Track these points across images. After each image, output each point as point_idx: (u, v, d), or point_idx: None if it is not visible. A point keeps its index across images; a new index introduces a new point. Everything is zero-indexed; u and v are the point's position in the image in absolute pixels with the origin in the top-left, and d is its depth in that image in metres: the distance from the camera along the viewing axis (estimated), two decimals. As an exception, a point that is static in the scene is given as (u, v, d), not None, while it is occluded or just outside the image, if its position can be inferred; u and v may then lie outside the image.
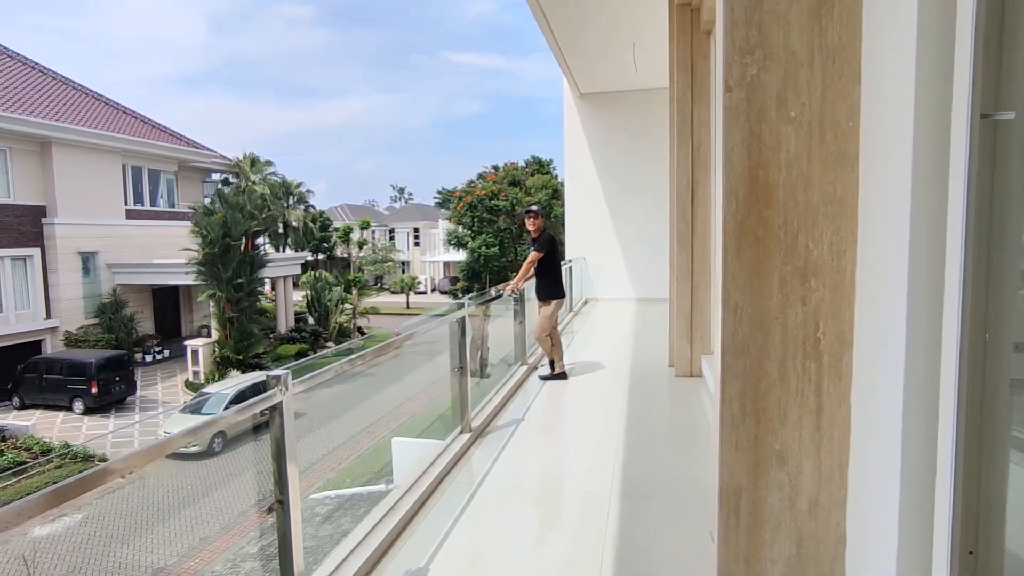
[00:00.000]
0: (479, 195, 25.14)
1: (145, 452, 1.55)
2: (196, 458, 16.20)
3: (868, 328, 2.00)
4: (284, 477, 1.98)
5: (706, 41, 5.45)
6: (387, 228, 55.95)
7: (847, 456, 2.10)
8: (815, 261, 2.06)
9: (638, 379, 5.81)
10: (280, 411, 1.97)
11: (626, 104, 11.65)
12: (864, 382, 2.02)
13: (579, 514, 3.08)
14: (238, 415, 1.84)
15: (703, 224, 5.59)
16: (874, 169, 1.94)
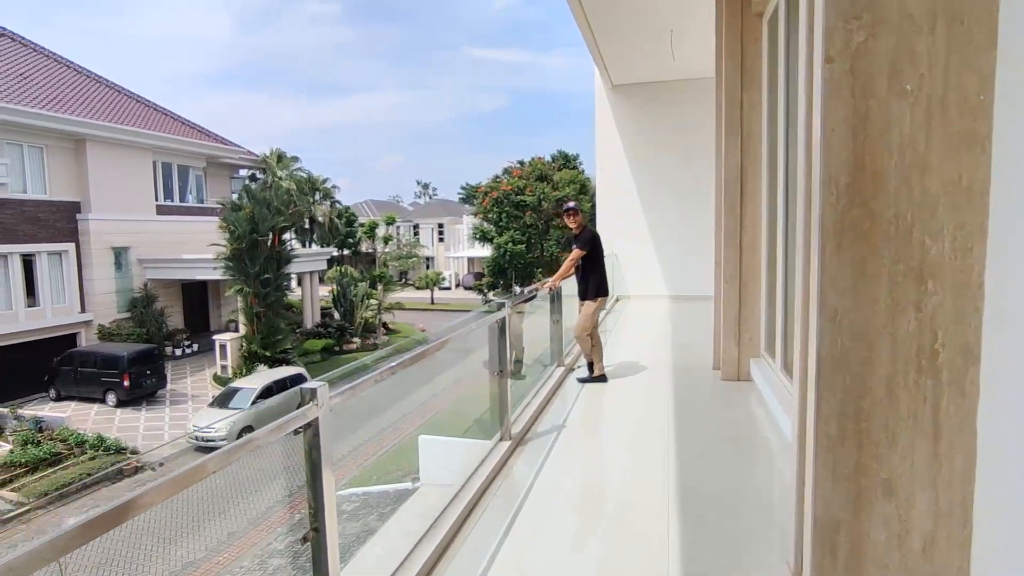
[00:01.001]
0: (505, 190, 24.86)
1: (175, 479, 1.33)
2: (224, 452, 16.30)
3: (1000, 339, 1.69)
4: (320, 502, 1.76)
5: (758, 24, 5.11)
6: (412, 224, 56.05)
7: (972, 488, 1.80)
8: (933, 260, 1.76)
9: (682, 382, 5.51)
10: (315, 429, 1.74)
11: (660, 95, 11.27)
12: (995, 403, 1.72)
13: (635, 532, 2.82)
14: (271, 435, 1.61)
15: (753, 219, 5.26)
16: (1011, 151, 1.64)
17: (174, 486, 1.36)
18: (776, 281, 4.68)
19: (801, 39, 1.91)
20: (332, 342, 26.12)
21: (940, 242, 1.75)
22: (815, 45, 1.81)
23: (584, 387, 5.37)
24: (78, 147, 22.07)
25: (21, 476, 14.18)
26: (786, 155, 4.44)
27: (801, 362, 2.24)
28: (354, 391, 2.04)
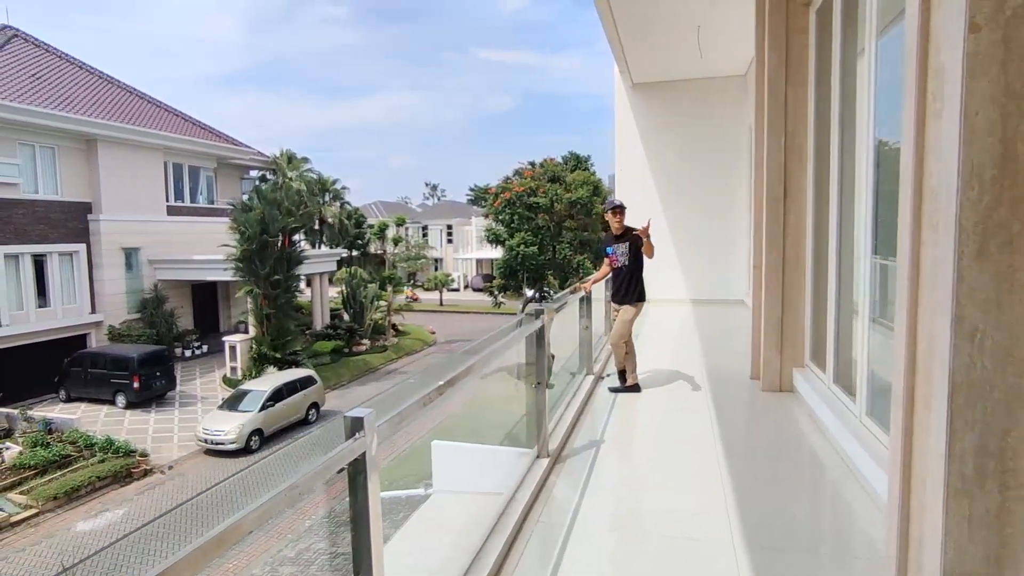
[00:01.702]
0: (518, 192, 24.59)
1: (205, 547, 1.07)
2: (234, 455, 16.12)
3: None
4: (367, 558, 1.47)
5: (804, 14, 4.81)
6: (420, 225, 55.90)
7: None
8: (1101, 269, 1.47)
9: (720, 394, 5.21)
10: (362, 466, 1.46)
11: (683, 94, 10.97)
12: None
13: (701, 571, 2.53)
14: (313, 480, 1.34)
15: (797, 221, 4.96)
16: None
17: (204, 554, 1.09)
18: (827, 287, 4.37)
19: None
20: (342, 344, 25.93)
21: (1110, 247, 1.47)
22: (953, 12, 1.53)
23: (617, 398, 5.09)
24: (89, 147, 22.00)
25: (30, 479, 14.02)
26: (840, 154, 4.14)
27: (906, 386, 1.96)
28: (401, 417, 1.77)
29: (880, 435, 3.27)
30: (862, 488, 3.15)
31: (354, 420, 1.46)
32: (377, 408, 1.59)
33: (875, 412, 3.43)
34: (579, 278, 26.47)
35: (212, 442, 16.27)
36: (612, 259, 5.28)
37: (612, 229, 5.32)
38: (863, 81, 3.61)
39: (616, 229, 5.29)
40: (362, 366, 25.34)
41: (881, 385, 3.45)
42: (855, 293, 3.84)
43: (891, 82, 3.27)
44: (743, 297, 10.88)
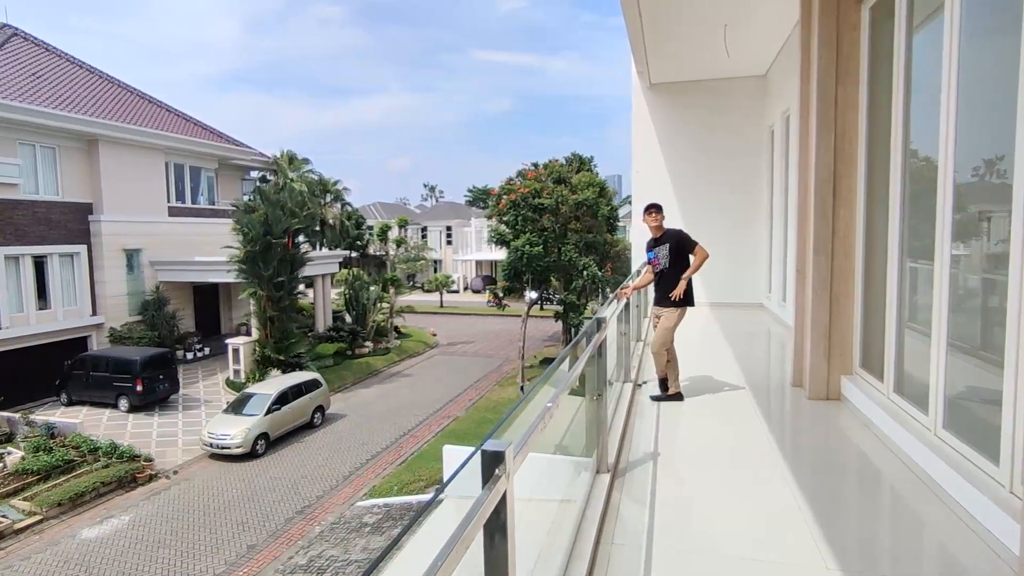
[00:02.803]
0: (523, 193, 24.41)
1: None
2: (240, 460, 15.91)
3: None
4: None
5: (856, 10, 4.69)
6: (419, 226, 55.72)
7: None
8: None
9: (766, 402, 5.08)
10: (504, 515, 1.28)
11: (700, 94, 10.85)
12: None
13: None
14: (462, 546, 1.14)
15: (846, 224, 4.83)
16: None
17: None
18: (886, 292, 4.23)
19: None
20: (344, 346, 25.74)
21: None
22: None
23: (660, 407, 4.94)
24: (90, 147, 21.75)
25: (33, 484, 13.78)
26: (904, 154, 4.00)
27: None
28: (527, 445, 1.60)
29: (962, 448, 3.14)
30: (944, 505, 3.02)
31: (493, 454, 1.29)
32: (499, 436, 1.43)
33: (953, 425, 3.30)
34: (584, 280, 26.37)
35: (218, 446, 16.06)
36: (655, 263, 5.12)
37: (651, 232, 5.16)
38: (931, 77, 3.47)
39: (655, 231, 5.13)
40: (365, 368, 25.16)
41: (960, 398, 3.32)
42: (926, 301, 3.71)
43: (968, 76, 3.14)
44: (762, 300, 10.76)
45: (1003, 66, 2.75)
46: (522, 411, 1.85)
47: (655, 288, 5.22)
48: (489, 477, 1.27)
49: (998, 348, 2.81)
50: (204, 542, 12.25)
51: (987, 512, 2.72)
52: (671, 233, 5.09)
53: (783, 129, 9.02)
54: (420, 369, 26.50)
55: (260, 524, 12.98)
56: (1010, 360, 2.70)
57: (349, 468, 15.93)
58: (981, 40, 3.12)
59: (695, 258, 5.03)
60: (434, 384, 23.95)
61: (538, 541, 2.59)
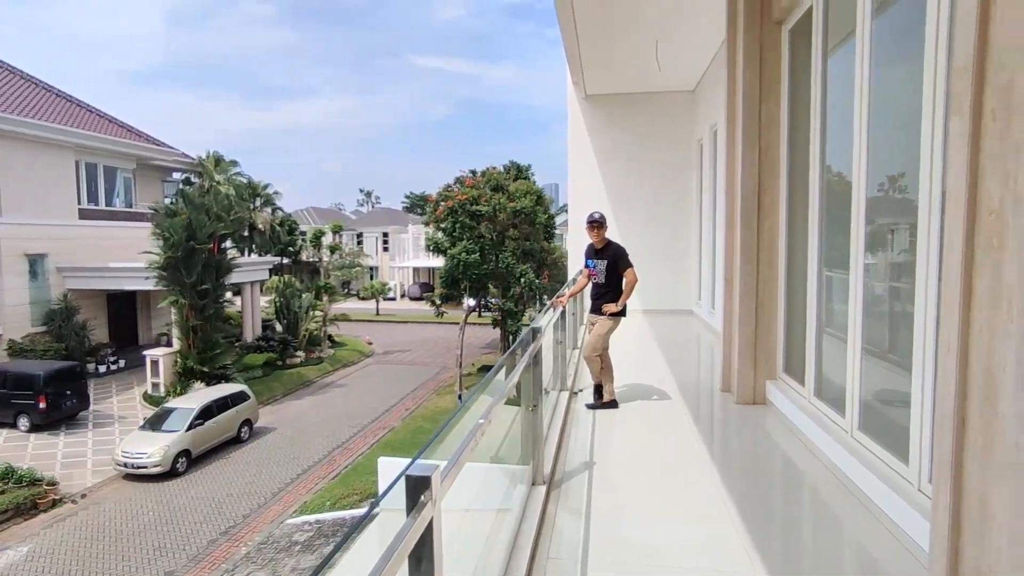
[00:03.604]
0: (460, 200, 24.30)
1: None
2: (158, 479, 14.90)
3: None
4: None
5: (777, 32, 4.91)
6: (355, 232, 54.49)
7: None
8: None
9: (697, 408, 5.20)
10: (429, 537, 1.20)
11: (634, 106, 11.13)
12: None
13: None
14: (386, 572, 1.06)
15: (770, 235, 5.03)
16: None
17: None
18: (806, 300, 4.43)
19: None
20: (275, 356, 24.72)
21: None
22: None
23: (596, 415, 4.96)
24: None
25: (-86, 515, 12.38)
26: (821, 169, 4.21)
27: (956, 410, 1.91)
28: (458, 465, 1.52)
29: (876, 449, 3.30)
30: (862, 505, 3.15)
31: (418, 479, 1.20)
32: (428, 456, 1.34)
33: (868, 427, 3.46)
34: (521, 288, 26.49)
35: (133, 466, 14.98)
36: (592, 273, 5.18)
37: (593, 242, 5.21)
38: (846, 97, 3.67)
39: (597, 243, 5.19)
40: (297, 379, 24.24)
41: (874, 401, 3.49)
42: (842, 309, 3.89)
43: (878, 97, 3.33)
44: (693, 307, 11.12)
45: (908, 89, 2.93)
46: (454, 427, 1.76)
47: (592, 298, 5.26)
48: (414, 504, 1.19)
49: (906, 352, 2.98)
50: (114, 571, 11.36)
51: (900, 511, 2.86)
52: (613, 248, 5.19)
53: (711, 142, 9.37)
54: (355, 379, 25.79)
55: (179, 548, 12.17)
56: (917, 364, 2.86)
57: (279, 484, 15.24)
58: (889, 64, 3.31)
59: (626, 282, 5.13)
60: (369, 394, 23.36)
61: (475, 554, 2.51)
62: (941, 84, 2.66)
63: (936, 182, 2.67)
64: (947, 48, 2.62)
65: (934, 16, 2.71)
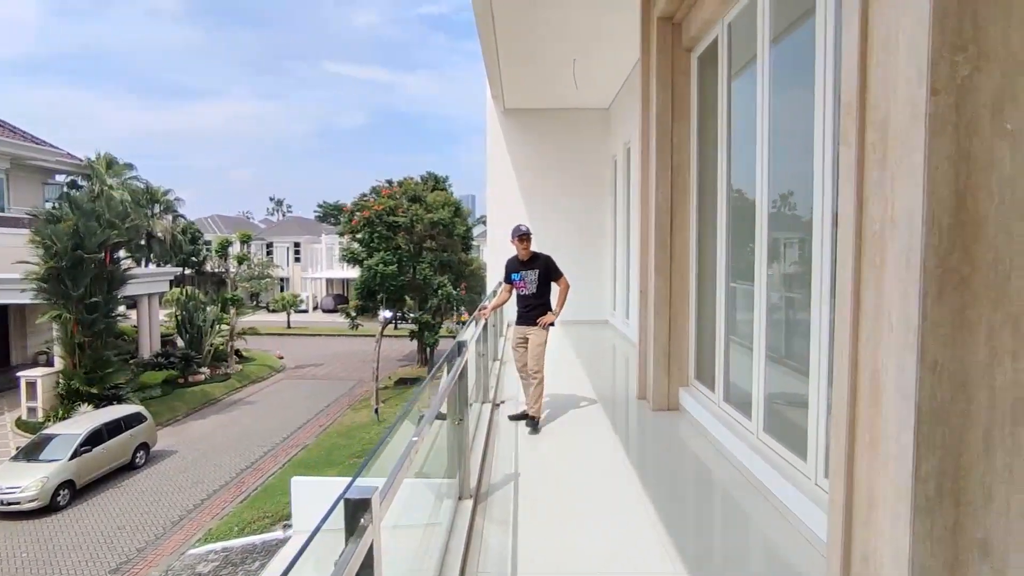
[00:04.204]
0: (377, 210, 23.84)
1: None
2: (34, 516, 13.39)
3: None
4: None
5: (686, 58, 5.23)
6: (264, 242, 52.04)
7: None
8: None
9: (615, 416, 5.37)
10: (371, 563, 1.17)
11: (552, 122, 11.43)
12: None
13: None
14: None
15: (682, 250, 5.32)
16: (1104, 198, 1.62)
17: None
18: (715, 310, 4.71)
19: (899, 67, 1.78)
20: (175, 373, 23.03)
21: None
22: (919, 76, 1.68)
23: (519, 426, 5.01)
24: None
25: None
26: (727, 186, 4.51)
27: (848, 413, 2.11)
28: (396, 485, 1.50)
29: (779, 449, 3.56)
30: (767, 501, 3.39)
31: (357, 502, 1.17)
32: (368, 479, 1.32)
33: (771, 428, 3.73)
34: (439, 299, 26.28)
35: (3, 502, 13.39)
36: (520, 285, 5.21)
37: (519, 255, 5.25)
38: (749, 120, 3.97)
39: (524, 255, 5.24)
40: (200, 397, 22.71)
41: (776, 404, 3.77)
42: (747, 318, 4.17)
43: (777, 122, 3.64)
44: (608, 318, 11.49)
45: (803, 115, 3.21)
46: (387, 446, 1.74)
47: (522, 308, 5.27)
48: (354, 528, 1.16)
49: (804, 359, 3.24)
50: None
51: (800, 504, 3.09)
52: (543, 258, 5.20)
53: (624, 159, 9.79)
54: (265, 395, 24.52)
55: None
56: (813, 368, 3.12)
57: (180, 511, 14.17)
58: (786, 91, 3.62)
59: (560, 289, 5.20)
60: (281, 411, 22.28)
61: (405, 573, 2.47)
62: (829, 113, 2.94)
63: (828, 203, 2.95)
64: (834, 80, 2.91)
65: (822, 50, 3.00)
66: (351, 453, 17.55)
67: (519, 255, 5.21)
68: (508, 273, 5.28)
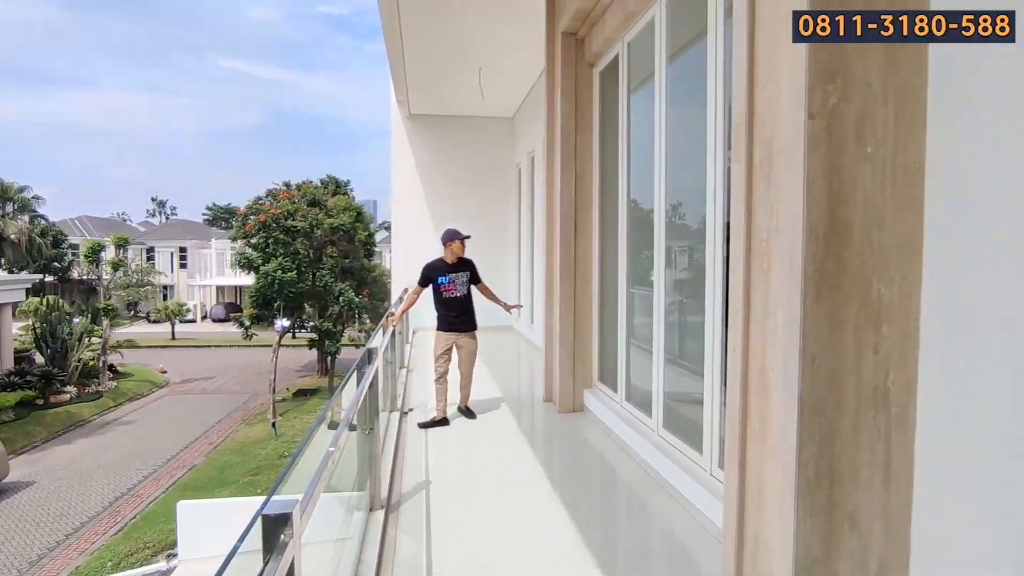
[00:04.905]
0: (274, 214, 22.66)
1: None
2: None
3: (936, 376, 1.92)
4: None
5: (589, 73, 5.46)
6: (144, 247, 47.80)
7: (910, 513, 1.99)
8: (886, 306, 1.94)
9: (523, 419, 5.46)
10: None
11: (457, 129, 11.46)
12: (929, 432, 1.94)
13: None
14: None
15: (585, 257, 5.53)
16: (940, 214, 1.90)
17: None
18: (617, 314, 4.94)
19: (782, 92, 1.98)
20: (33, 394, 20.53)
21: (891, 290, 1.94)
22: (798, 101, 1.88)
23: (428, 434, 4.97)
24: None
25: None
26: (627, 195, 4.75)
27: (741, 405, 2.30)
28: (315, 498, 1.44)
29: (678, 444, 3.79)
30: (668, 494, 3.60)
31: (276, 520, 1.12)
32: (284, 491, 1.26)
33: (670, 425, 3.96)
34: (340, 307, 25.36)
35: None
36: (449, 288, 5.22)
37: (447, 258, 5.26)
38: (648, 133, 4.22)
39: (454, 258, 5.27)
40: (65, 419, 20.41)
41: (674, 402, 4.01)
42: (647, 321, 4.41)
43: (674, 135, 3.89)
44: (512, 323, 11.66)
45: (698, 129, 3.46)
46: (297, 460, 1.66)
47: (453, 313, 5.26)
48: (273, 546, 1.10)
49: (699, 358, 3.48)
50: None
51: (697, 494, 3.31)
52: (468, 262, 5.36)
53: (528, 168, 10.01)
54: (145, 414, 22.47)
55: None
56: (708, 366, 3.36)
57: (38, 550, 12.62)
58: (682, 107, 3.88)
59: (486, 289, 5.56)
60: (164, 430, 20.52)
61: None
62: (720, 127, 3.20)
63: (720, 213, 3.20)
64: (724, 97, 3.16)
65: (713, 70, 3.26)
66: (246, 471, 16.51)
67: (447, 258, 5.24)
68: (432, 276, 5.26)
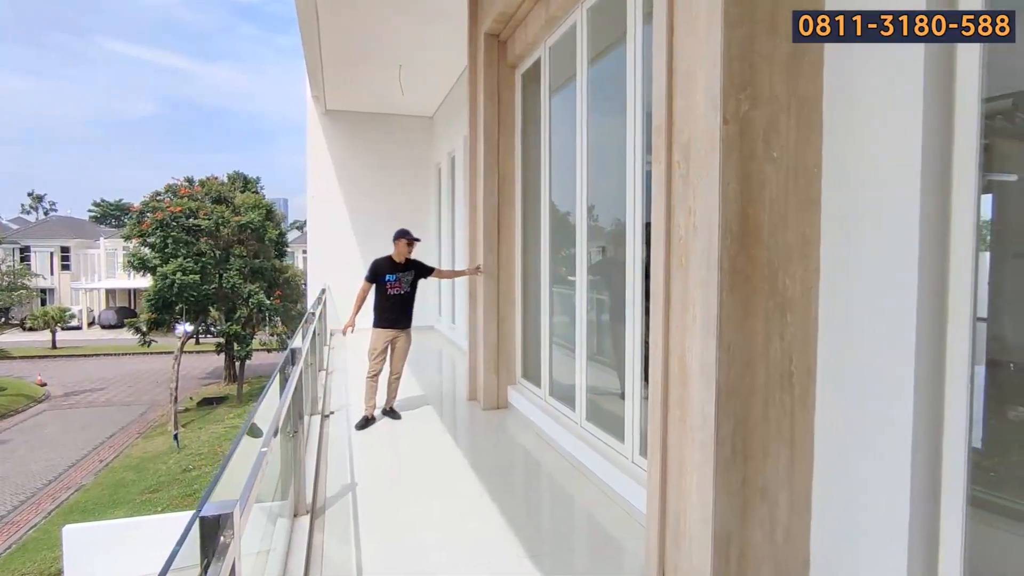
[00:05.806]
0: (174, 212, 21.17)
1: None
2: None
3: (830, 359, 2.14)
4: None
5: (511, 74, 5.55)
6: (16, 246, 43.16)
7: (810, 484, 2.20)
8: (790, 297, 2.13)
9: (447, 418, 5.46)
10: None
11: (375, 126, 11.25)
12: (826, 411, 2.15)
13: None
14: None
15: (508, 256, 5.61)
16: (832, 213, 2.11)
17: None
18: (540, 312, 5.05)
19: (698, 99, 2.12)
20: None
21: (795, 282, 2.14)
22: (714, 107, 2.03)
23: (352, 436, 4.85)
24: None
25: None
26: (549, 196, 4.88)
27: (662, 392, 2.44)
28: (252, 499, 1.39)
29: (600, 435, 3.93)
30: (592, 483, 3.73)
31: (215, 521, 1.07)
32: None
33: (593, 417, 4.11)
34: (250, 309, 24.06)
35: None
36: (393, 285, 5.22)
37: (396, 257, 5.27)
38: (569, 135, 4.35)
39: (402, 258, 5.29)
40: (-80, 441, 18.05)
41: (597, 395, 4.16)
42: (570, 319, 4.54)
43: (595, 137, 4.04)
44: (434, 323, 11.59)
45: (617, 130, 3.62)
46: (228, 467, 1.60)
47: (386, 311, 5.24)
48: (212, 550, 1.06)
49: (620, 352, 3.64)
50: None
51: (620, 482, 3.46)
52: (415, 261, 5.41)
53: (449, 167, 10.00)
54: (20, 432, 20.30)
55: None
56: (629, 358, 3.53)
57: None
58: (602, 110, 4.04)
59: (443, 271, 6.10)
60: (45, 448, 18.62)
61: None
62: (640, 130, 3.36)
63: (639, 212, 3.36)
64: (643, 101, 3.33)
65: (632, 75, 3.42)
66: (144, 488, 15.31)
67: (394, 257, 5.21)
68: (379, 273, 5.25)
